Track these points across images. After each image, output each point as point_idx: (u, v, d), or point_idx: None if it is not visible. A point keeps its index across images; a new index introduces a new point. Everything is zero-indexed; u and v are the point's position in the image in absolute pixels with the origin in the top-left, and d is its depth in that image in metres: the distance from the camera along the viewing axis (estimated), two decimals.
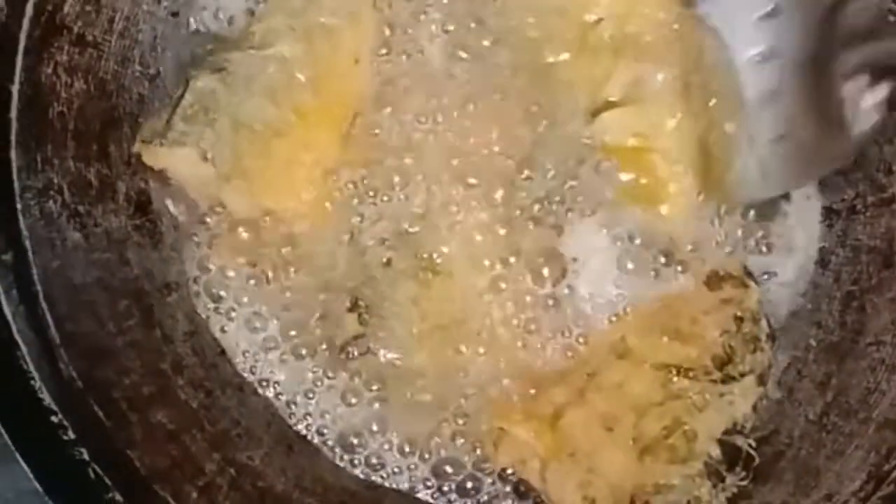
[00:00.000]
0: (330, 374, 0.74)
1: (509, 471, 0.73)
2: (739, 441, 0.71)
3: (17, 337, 0.62)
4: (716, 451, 0.71)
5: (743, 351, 0.72)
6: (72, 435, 0.62)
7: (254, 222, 0.74)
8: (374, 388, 0.73)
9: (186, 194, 0.74)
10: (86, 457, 0.61)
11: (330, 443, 0.74)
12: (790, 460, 0.72)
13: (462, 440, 0.73)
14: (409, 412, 0.73)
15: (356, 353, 0.73)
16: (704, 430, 0.70)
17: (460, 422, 0.73)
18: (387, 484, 0.73)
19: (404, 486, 0.73)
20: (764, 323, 0.73)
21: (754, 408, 0.72)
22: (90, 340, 0.66)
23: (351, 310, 0.74)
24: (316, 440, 0.73)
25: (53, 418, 0.62)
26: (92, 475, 0.61)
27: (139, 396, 0.67)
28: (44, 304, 0.64)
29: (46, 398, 0.62)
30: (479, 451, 0.73)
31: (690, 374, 0.70)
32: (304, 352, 0.74)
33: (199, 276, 0.74)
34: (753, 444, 0.71)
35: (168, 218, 0.74)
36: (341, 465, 0.73)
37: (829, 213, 0.76)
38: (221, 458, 0.68)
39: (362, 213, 0.74)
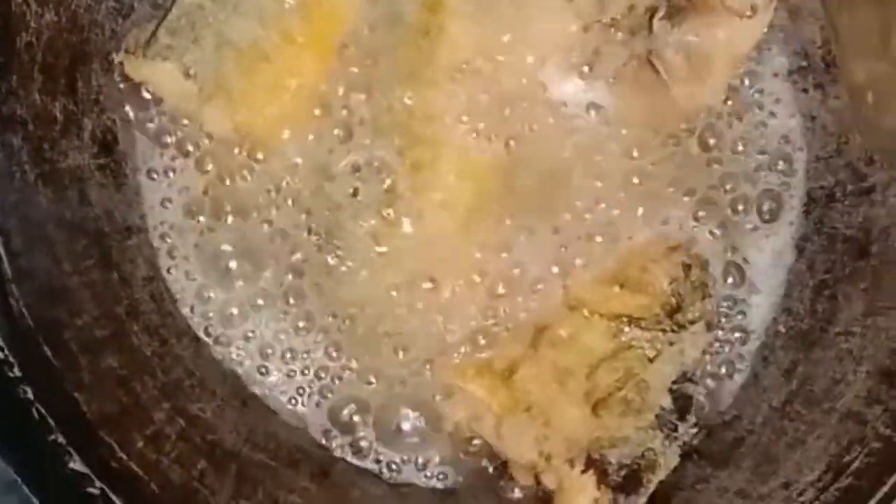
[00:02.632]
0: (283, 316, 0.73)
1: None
2: (690, 389, 0.71)
3: None
4: (667, 402, 0.70)
5: (692, 298, 0.71)
6: (17, 373, 0.60)
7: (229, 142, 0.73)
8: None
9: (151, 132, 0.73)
10: (31, 396, 0.60)
11: (282, 398, 0.72)
12: (750, 446, 0.71)
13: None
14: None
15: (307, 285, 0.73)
16: (656, 381, 0.70)
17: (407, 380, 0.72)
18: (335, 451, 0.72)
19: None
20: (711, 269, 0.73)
21: (703, 353, 0.72)
22: (44, 278, 0.64)
23: (310, 234, 0.73)
24: (269, 396, 0.72)
25: None
26: (36, 415, 0.60)
27: (91, 339, 0.65)
28: None
29: None
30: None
31: (641, 323, 0.70)
32: (260, 302, 0.73)
33: (160, 220, 0.72)
34: (703, 391, 0.72)
35: (132, 160, 0.72)
36: (293, 422, 0.72)
37: (807, 200, 0.75)
38: (171, 407, 0.67)
39: (339, 142, 0.73)
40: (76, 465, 0.60)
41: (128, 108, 0.73)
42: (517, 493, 0.72)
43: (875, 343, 0.69)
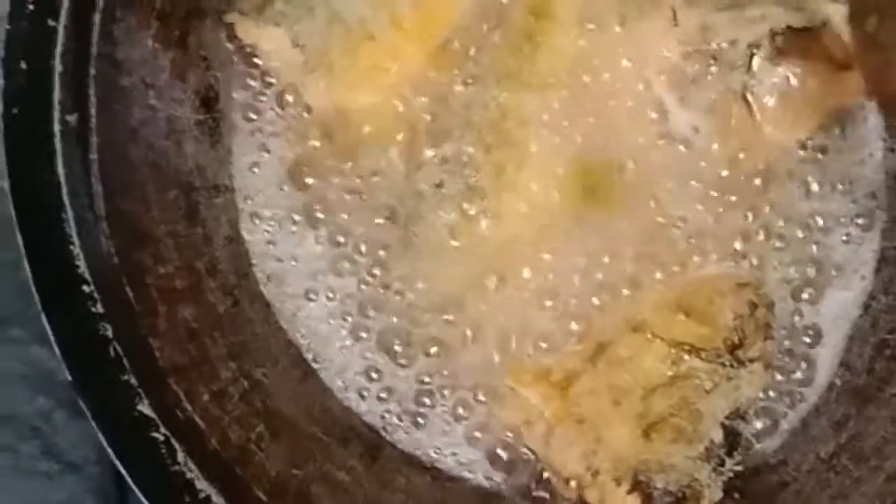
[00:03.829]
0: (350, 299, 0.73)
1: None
2: (741, 427, 0.71)
3: (65, 199, 0.61)
4: (718, 435, 0.70)
5: (754, 337, 0.71)
6: (100, 309, 0.61)
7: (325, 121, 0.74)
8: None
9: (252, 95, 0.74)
10: (109, 334, 0.61)
11: (339, 382, 0.73)
12: (793, 493, 0.71)
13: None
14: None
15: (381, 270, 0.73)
16: (709, 413, 0.70)
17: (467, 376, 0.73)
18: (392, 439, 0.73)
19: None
20: (778, 311, 0.73)
21: (758, 392, 0.72)
22: (134, 221, 0.65)
23: (389, 219, 0.73)
24: (327, 372, 0.73)
25: (85, 287, 0.61)
26: (112, 353, 0.60)
27: (170, 288, 0.66)
28: (97, 174, 0.63)
29: (82, 266, 0.61)
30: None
31: (702, 354, 0.70)
32: (331, 281, 0.73)
33: (247, 183, 0.73)
34: (752, 430, 0.72)
35: (229, 120, 0.73)
36: (350, 405, 0.72)
37: (880, 258, 0.75)
38: (237, 368, 0.68)
39: (430, 132, 0.74)
40: (144, 408, 0.61)
41: (233, 68, 0.73)
42: None
43: None
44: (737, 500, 0.71)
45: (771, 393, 0.73)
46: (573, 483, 0.70)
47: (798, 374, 0.74)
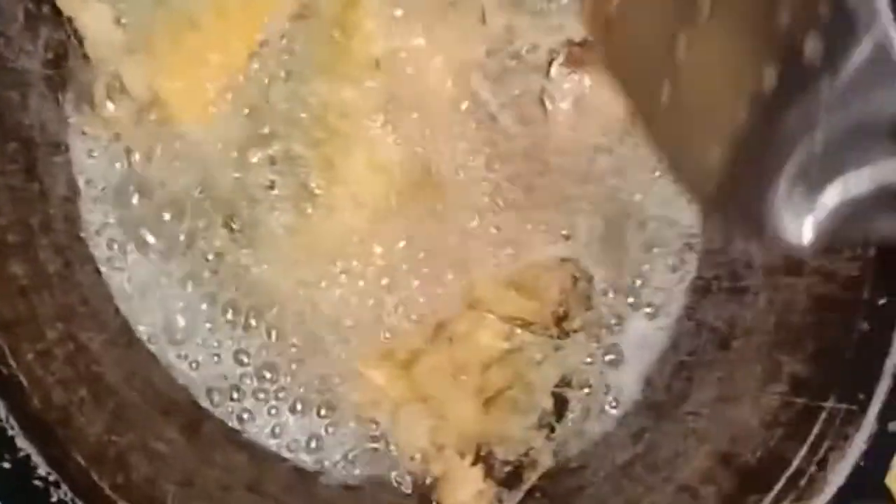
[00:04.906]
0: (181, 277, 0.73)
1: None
2: (567, 393, 0.76)
3: None
4: (549, 404, 0.75)
5: (577, 309, 0.76)
6: None
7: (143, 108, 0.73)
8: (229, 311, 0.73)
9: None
10: None
11: (170, 354, 0.73)
12: (588, 497, 0.75)
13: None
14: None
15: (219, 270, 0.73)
16: (540, 383, 0.75)
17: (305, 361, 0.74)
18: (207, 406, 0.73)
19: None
20: (596, 283, 0.77)
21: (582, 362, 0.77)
22: None
23: (224, 226, 0.73)
24: (151, 343, 0.73)
25: None
26: None
27: (2, 241, 0.65)
28: None
29: None
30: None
31: (531, 327, 0.75)
32: (164, 248, 0.73)
33: (85, 148, 0.72)
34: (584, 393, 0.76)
35: (75, 80, 0.72)
36: (176, 377, 0.72)
37: (691, 286, 0.80)
38: (64, 329, 0.67)
39: (255, 130, 0.74)
40: None
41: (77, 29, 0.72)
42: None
43: (719, 427, 0.74)
44: (538, 499, 0.75)
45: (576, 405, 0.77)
46: (418, 457, 0.74)
47: (603, 385, 0.78)
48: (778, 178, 0.52)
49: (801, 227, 0.54)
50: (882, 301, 0.66)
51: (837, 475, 0.65)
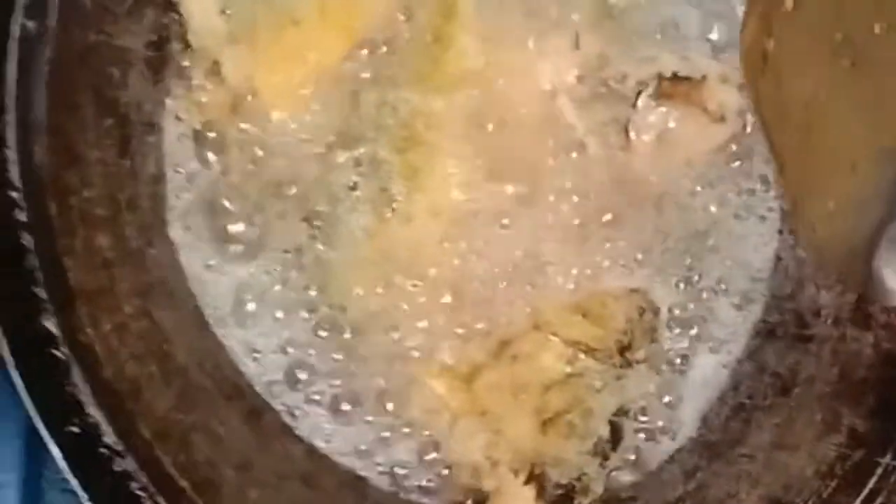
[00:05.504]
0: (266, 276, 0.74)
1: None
2: (624, 423, 0.76)
3: (9, 102, 0.61)
4: (605, 431, 0.75)
5: (641, 340, 0.76)
6: (23, 218, 0.60)
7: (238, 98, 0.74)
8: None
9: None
10: (30, 244, 0.60)
11: (236, 341, 0.74)
12: None
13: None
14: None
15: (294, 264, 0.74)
16: (599, 410, 0.75)
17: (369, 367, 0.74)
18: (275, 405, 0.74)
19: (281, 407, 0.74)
20: (663, 315, 0.78)
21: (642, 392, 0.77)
22: (69, 139, 0.65)
23: (303, 220, 0.74)
24: (219, 328, 0.74)
25: (13, 194, 0.60)
26: (28, 265, 0.60)
27: (91, 214, 0.66)
28: (45, 84, 0.63)
29: (13, 172, 0.60)
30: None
31: (595, 354, 0.75)
32: (243, 238, 0.74)
33: (177, 132, 0.73)
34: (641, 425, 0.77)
35: (175, 63, 0.73)
36: (239, 364, 0.73)
37: (751, 327, 0.80)
38: (141, 305, 0.68)
39: (344, 131, 0.75)
40: (49, 324, 0.60)
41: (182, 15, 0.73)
42: None
43: (772, 472, 0.73)
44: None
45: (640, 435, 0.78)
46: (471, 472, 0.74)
47: (661, 422, 0.78)
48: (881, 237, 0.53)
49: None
50: None
51: None
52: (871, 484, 0.67)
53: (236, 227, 0.74)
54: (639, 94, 0.77)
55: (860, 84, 0.54)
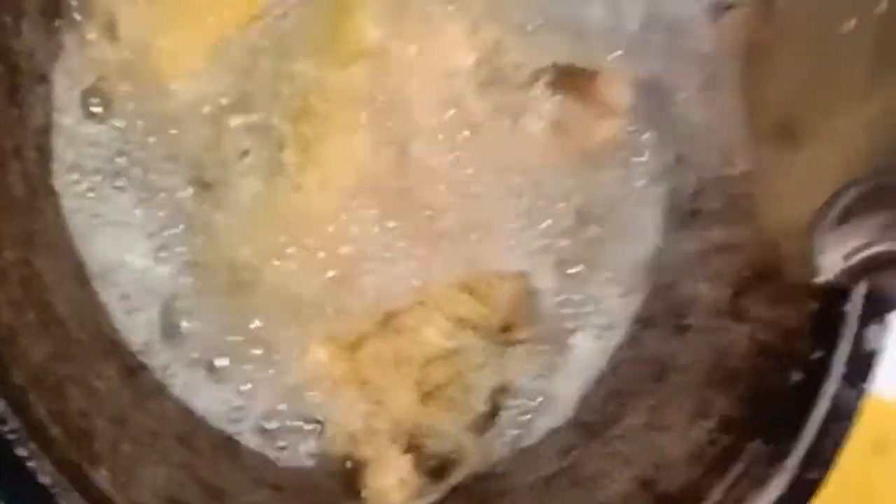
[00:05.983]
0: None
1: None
2: (504, 401, 0.78)
3: None
4: (483, 407, 0.77)
5: (525, 321, 0.78)
6: None
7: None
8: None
9: None
10: None
11: (113, 296, 0.73)
12: (508, 502, 0.76)
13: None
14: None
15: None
16: (479, 387, 0.77)
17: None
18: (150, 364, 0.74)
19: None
20: (547, 299, 0.79)
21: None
22: None
23: (191, 182, 0.74)
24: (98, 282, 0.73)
25: None
26: None
27: None
28: None
29: None
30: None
31: (478, 331, 0.77)
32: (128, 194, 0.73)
33: (67, 85, 0.73)
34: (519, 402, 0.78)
35: (69, 16, 0.72)
36: (114, 321, 0.73)
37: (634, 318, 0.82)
38: (22, 254, 0.66)
39: (238, 96, 0.75)
40: None
41: None
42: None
43: (645, 454, 0.75)
44: (460, 498, 0.76)
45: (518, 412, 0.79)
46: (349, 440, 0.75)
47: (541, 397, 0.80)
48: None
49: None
50: (817, 355, 0.67)
51: None
52: (737, 468, 0.69)
53: (121, 184, 0.73)
54: (534, 82, 0.79)
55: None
